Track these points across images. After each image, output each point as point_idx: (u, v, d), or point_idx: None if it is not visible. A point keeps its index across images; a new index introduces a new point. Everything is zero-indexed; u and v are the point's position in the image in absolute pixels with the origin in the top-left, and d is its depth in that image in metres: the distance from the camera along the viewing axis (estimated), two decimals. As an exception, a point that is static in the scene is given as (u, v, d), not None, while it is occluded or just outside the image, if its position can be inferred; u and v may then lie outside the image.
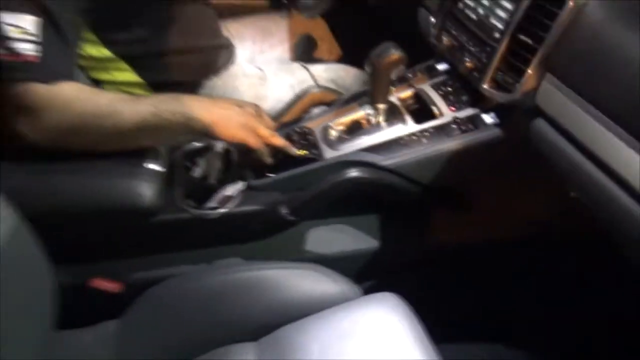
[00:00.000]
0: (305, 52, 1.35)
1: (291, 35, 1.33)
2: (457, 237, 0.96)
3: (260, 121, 0.83)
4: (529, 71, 0.74)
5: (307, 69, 1.17)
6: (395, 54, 0.83)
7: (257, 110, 0.86)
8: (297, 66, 1.19)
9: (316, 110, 1.08)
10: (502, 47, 0.79)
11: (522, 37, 0.76)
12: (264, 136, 0.82)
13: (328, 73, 1.17)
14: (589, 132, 0.65)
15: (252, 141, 0.81)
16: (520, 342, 0.97)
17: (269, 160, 0.85)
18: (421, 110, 0.92)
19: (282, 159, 0.87)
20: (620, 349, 0.96)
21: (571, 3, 0.68)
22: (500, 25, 0.80)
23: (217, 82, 1.08)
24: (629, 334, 0.95)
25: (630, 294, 0.93)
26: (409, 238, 0.96)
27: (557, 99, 0.70)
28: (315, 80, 1.15)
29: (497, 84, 0.82)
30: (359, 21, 1.44)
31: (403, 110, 0.92)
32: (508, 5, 0.79)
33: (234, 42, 1.17)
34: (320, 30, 1.38)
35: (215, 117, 0.79)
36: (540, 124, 0.74)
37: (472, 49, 0.87)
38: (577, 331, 0.99)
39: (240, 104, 0.85)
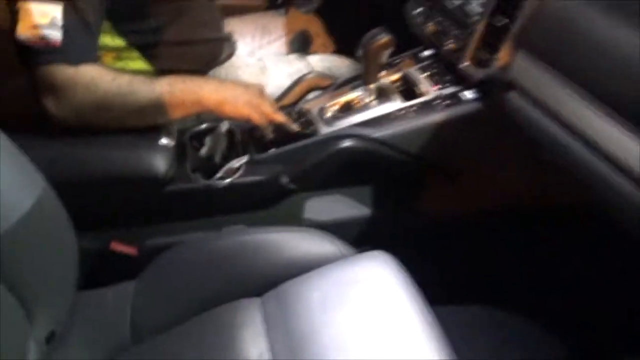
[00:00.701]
0: (301, 47, 1.41)
1: (288, 31, 1.40)
2: (445, 208, 1.03)
3: (264, 100, 0.91)
4: (504, 47, 0.82)
5: (304, 59, 1.24)
6: (385, 37, 0.90)
7: (261, 90, 0.93)
8: (294, 57, 1.26)
9: (312, 95, 1.16)
10: (480, 28, 0.88)
11: (498, 18, 0.85)
12: (267, 113, 0.90)
13: (324, 62, 1.23)
14: (558, 99, 0.72)
15: (256, 117, 0.89)
16: (508, 305, 1.03)
17: (270, 135, 0.93)
18: (408, 90, 1.00)
19: (283, 135, 0.94)
20: (602, 304, 1.02)
21: (539, -16, 0.75)
22: (478, 9, 0.89)
23: (220, 72, 1.15)
24: (612, 292, 1.02)
25: (612, 257, 1.00)
26: (400, 208, 1.02)
27: (530, 71, 0.77)
28: (312, 69, 1.21)
29: (476, 62, 0.90)
30: (351, 17, 1.51)
31: (392, 90, 1.00)
32: (485, -9, 0.87)
33: (235, 38, 1.25)
34: (315, 26, 1.44)
35: (223, 95, 0.87)
36: (514, 96, 0.82)
37: (454, 32, 0.95)
38: (562, 293, 1.05)
39: (246, 85, 0.93)
